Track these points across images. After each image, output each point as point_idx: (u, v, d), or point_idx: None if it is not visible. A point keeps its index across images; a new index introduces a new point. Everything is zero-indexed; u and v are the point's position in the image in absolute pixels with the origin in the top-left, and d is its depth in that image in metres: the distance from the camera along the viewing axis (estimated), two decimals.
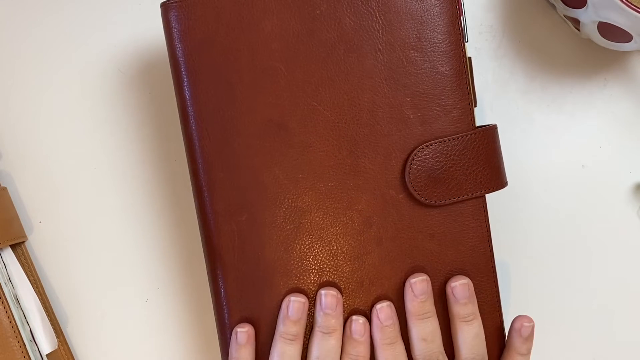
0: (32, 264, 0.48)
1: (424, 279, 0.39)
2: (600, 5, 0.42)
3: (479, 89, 0.49)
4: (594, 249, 0.49)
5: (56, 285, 0.49)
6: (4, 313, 0.44)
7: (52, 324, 0.47)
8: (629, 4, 0.40)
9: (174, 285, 0.49)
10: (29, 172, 0.49)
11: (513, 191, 0.48)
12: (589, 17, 0.43)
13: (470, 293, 0.39)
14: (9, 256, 0.47)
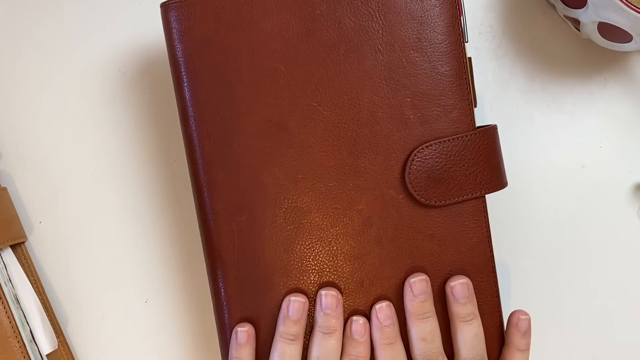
0: (32, 264, 0.48)
1: (423, 278, 0.39)
2: (600, 5, 0.42)
3: (479, 89, 0.49)
4: (594, 249, 0.49)
5: (56, 285, 0.49)
6: (4, 313, 0.44)
7: (52, 324, 0.47)
8: (629, 4, 0.40)
9: (174, 285, 0.49)
10: (29, 172, 0.49)
11: (513, 191, 0.48)
12: (589, 17, 0.43)
13: (469, 293, 0.39)
14: (9, 256, 0.47)
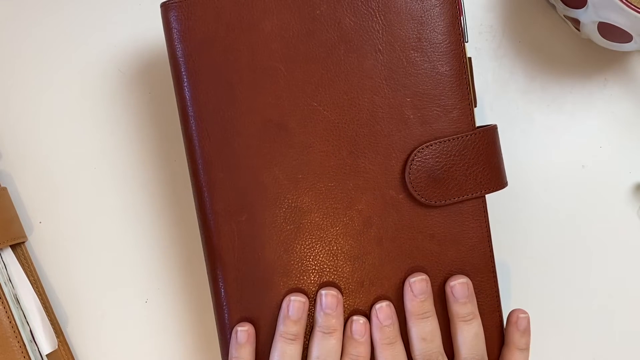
0: (32, 264, 0.48)
1: (423, 278, 0.39)
2: (600, 5, 0.42)
3: (479, 89, 0.49)
4: (594, 249, 0.49)
5: (56, 285, 0.49)
6: (4, 313, 0.44)
7: (52, 324, 0.47)
8: (629, 4, 0.40)
9: (174, 285, 0.49)
10: (29, 172, 0.49)
11: (513, 191, 0.48)
12: (589, 17, 0.43)
13: (469, 292, 0.39)
14: (9, 256, 0.47)
